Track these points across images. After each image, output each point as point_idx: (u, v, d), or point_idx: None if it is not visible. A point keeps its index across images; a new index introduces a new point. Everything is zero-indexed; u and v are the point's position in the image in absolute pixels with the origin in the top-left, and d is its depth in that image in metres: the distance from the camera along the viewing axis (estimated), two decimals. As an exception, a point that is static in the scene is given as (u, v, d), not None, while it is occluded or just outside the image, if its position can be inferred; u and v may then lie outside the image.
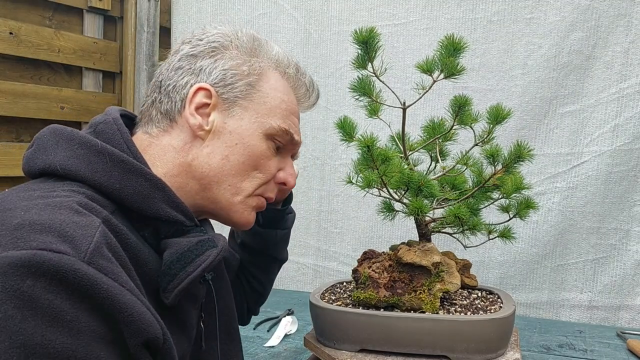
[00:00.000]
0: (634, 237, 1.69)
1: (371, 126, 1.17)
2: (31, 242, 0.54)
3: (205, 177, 0.78)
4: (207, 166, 0.77)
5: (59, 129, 0.73)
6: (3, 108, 1.83)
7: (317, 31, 2.03)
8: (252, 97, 0.80)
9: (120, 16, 2.26)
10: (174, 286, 0.69)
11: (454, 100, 1.15)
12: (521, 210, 1.16)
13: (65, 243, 0.55)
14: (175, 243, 0.71)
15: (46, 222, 0.56)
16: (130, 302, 0.58)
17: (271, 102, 0.81)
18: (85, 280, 0.54)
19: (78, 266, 0.54)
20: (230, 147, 0.78)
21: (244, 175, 0.80)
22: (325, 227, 2.07)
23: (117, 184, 0.68)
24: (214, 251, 0.73)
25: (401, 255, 1.13)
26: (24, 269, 0.52)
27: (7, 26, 1.82)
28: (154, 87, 0.80)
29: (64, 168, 0.68)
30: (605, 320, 1.73)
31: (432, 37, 1.85)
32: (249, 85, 0.79)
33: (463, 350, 1.05)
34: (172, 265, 0.69)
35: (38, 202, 0.60)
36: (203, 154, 0.77)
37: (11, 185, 1.85)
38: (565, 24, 1.71)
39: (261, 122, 0.80)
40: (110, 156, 0.69)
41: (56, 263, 0.53)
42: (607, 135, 1.70)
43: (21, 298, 0.51)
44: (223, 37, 0.80)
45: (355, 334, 1.10)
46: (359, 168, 1.15)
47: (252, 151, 0.79)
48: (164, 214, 0.71)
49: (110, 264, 0.58)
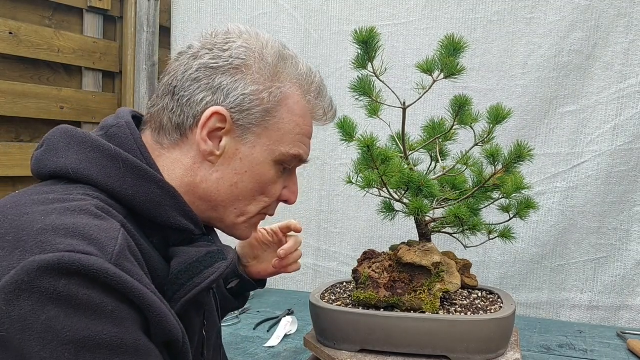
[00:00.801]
0: (634, 237, 1.69)
1: (371, 126, 1.17)
2: (57, 245, 0.54)
3: (214, 200, 0.77)
4: (216, 192, 0.76)
5: (70, 131, 0.71)
6: (3, 108, 1.83)
7: (317, 31, 2.03)
8: (267, 124, 0.76)
9: (120, 16, 2.25)
10: (180, 296, 0.68)
11: (454, 100, 1.15)
12: (521, 210, 1.16)
13: (91, 245, 0.56)
14: (183, 252, 0.71)
15: (69, 225, 0.57)
16: (156, 302, 0.59)
17: (285, 127, 0.78)
18: (117, 279, 0.55)
19: (107, 266, 0.55)
20: (240, 174, 0.77)
21: (250, 200, 0.79)
22: (325, 227, 2.07)
23: (130, 190, 0.68)
24: (224, 264, 0.72)
25: (401, 255, 1.13)
26: (55, 271, 0.52)
27: (7, 26, 1.82)
28: (167, 90, 0.76)
29: (76, 171, 0.67)
30: (605, 320, 1.73)
31: (432, 37, 1.85)
32: (266, 112, 0.76)
33: (463, 350, 1.05)
34: (179, 275, 0.69)
35: (56, 206, 0.60)
36: (212, 178, 0.76)
37: (11, 185, 1.86)
38: (565, 23, 1.70)
39: (272, 150, 0.77)
40: (124, 162, 0.68)
41: (86, 263, 0.53)
42: (607, 135, 1.69)
43: (60, 298, 0.52)
44: (248, 53, 0.75)
45: (355, 334, 1.10)
46: (359, 168, 1.15)
47: (261, 179, 0.78)
48: (174, 222, 0.71)
49: (134, 267, 0.59)
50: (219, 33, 0.78)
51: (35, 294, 0.52)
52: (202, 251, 0.72)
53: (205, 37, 0.78)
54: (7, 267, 0.53)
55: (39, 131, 1.97)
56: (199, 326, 0.80)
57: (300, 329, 1.57)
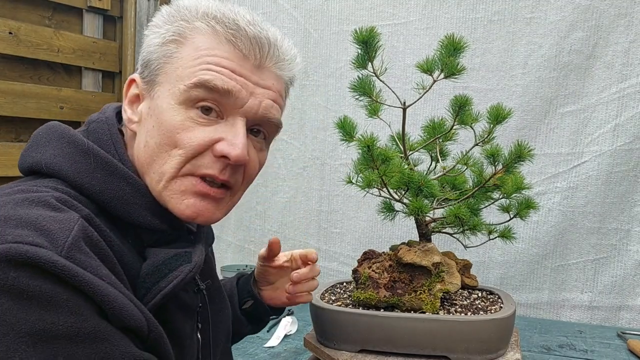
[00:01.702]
0: (634, 237, 1.69)
1: (371, 126, 1.17)
2: (5, 236, 0.53)
3: (139, 170, 0.71)
4: (137, 159, 0.72)
5: (54, 127, 0.71)
6: (3, 108, 1.82)
7: (317, 31, 2.03)
8: (166, 68, 0.70)
9: (120, 16, 2.25)
10: (147, 300, 0.66)
11: (454, 100, 1.14)
12: (521, 210, 1.16)
13: (41, 237, 0.54)
14: (154, 254, 0.69)
15: (22, 216, 0.55)
16: (112, 294, 0.56)
17: (186, 64, 0.69)
18: (65, 271, 0.53)
19: (56, 258, 0.53)
20: (149, 131, 0.70)
21: (163, 157, 0.69)
22: (325, 227, 2.06)
23: (98, 186, 0.66)
24: (187, 267, 0.69)
25: (401, 255, 1.13)
26: (3, 262, 0.51)
27: (6, 26, 1.82)
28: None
29: (48, 166, 0.67)
30: (605, 321, 1.73)
31: (432, 37, 1.84)
32: (165, 57, 0.70)
33: (463, 350, 1.05)
34: (146, 278, 0.67)
35: (16, 197, 0.59)
36: (135, 146, 0.72)
37: (11, 185, 1.86)
38: (565, 23, 1.70)
39: (173, 92, 0.68)
40: (95, 157, 0.67)
41: (33, 255, 0.52)
42: (608, 135, 1.69)
43: (11, 290, 0.51)
44: (165, 17, 0.73)
45: (355, 334, 1.10)
46: (359, 168, 1.15)
47: (167, 127, 0.68)
48: (144, 221, 0.68)
49: (89, 258, 0.57)
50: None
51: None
52: (171, 253, 0.69)
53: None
54: None
55: (38, 131, 1.97)
56: (189, 330, 0.77)
57: (300, 329, 1.57)
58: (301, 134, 2.07)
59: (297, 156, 2.09)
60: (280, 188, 2.12)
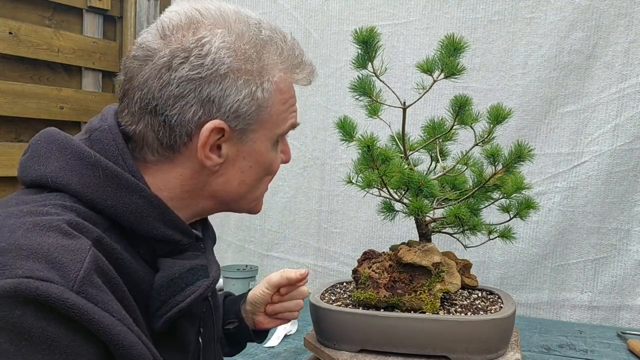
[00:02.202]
0: (634, 237, 1.69)
1: (371, 126, 1.17)
2: (17, 269, 0.51)
3: (222, 199, 0.76)
4: (224, 192, 0.75)
5: (54, 135, 0.68)
6: (3, 108, 1.82)
7: (317, 31, 2.03)
8: (262, 117, 0.73)
9: (120, 16, 2.25)
10: (162, 313, 0.66)
11: (454, 100, 1.15)
12: (521, 210, 1.16)
13: (53, 270, 0.53)
14: (168, 266, 0.68)
15: (33, 246, 0.54)
16: (121, 332, 0.56)
17: (278, 110, 0.75)
18: (76, 309, 0.52)
19: (67, 295, 0.52)
20: (245, 171, 0.75)
21: (259, 184, 0.79)
22: (325, 227, 2.06)
23: (109, 200, 0.64)
24: (205, 282, 0.70)
25: (401, 255, 1.13)
26: (11, 299, 0.50)
27: (6, 26, 1.82)
28: (143, 108, 0.69)
29: (54, 180, 0.64)
30: (605, 321, 1.73)
31: (432, 37, 1.85)
32: (259, 107, 0.72)
33: (463, 350, 1.05)
34: (161, 290, 0.66)
35: (26, 220, 0.57)
36: (218, 182, 0.74)
37: (11, 185, 1.86)
38: (565, 23, 1.70)
39: (270, 137, 0.76)
40: (104, 170, 0.65)
41: (44, 292, 0.51)
42: (608, 135, 1.69)
43: (12, 329, 0.50)
44: (230, 54, 0.68)
45: (355, 334, 1.10)
46: (359, 168, 1.15)
47: (265, 165, 0.77)
48: (158, 233, 0.68)
49: (100, 292, 0.56)
50: (183, 28, 0.68)
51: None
52: (186, 266, 0.69)
53: (165, 34, 0.68)
54: None
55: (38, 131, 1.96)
56: (194, 335, 0.78)
57: (300, 329, 1.57)
58: (301, 134, 2.07)
59: (297, 156, 2.09)
60: (280, 188, 2.12)
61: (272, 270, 2.27)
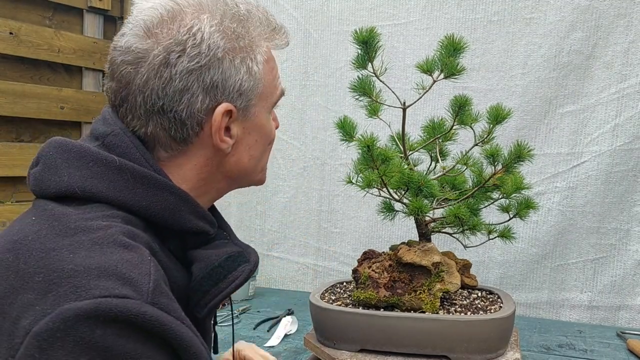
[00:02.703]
0: (634, 237, 1.69)
1: (371, 126, 1.17)
2: (92, 290, 0.52)
3: (236, 177, 0.78)
4: (237, 170, 0.77)
5: (65, 144, 0.67)
6: (3, 108, 1.83)
7: (317, 31, 2.03)
8: (259, 89, 0.75)
9: (120, 16, 2.25)
10: (207, 302, 0.68)
11: (454, 100, 1.15)
12: (521, 210, 1.17)
13: (126, 286, 0.54)
14: (204, 257, 0.70)
15: (101, 265, 0.55)
16: (192, 339, 0.58)
17: (269, 79, 0.77)
18: (154, 321, 0.54)
19: (145, 309, 0.53)
20: (252, 145, 0.77)
21: (264, 155, 0.81)
22: (325, 227, 2.07)
23: (143, 201, 0.65)
24: (247, 267, 0.72)
25: (401, 255, 1.13)
26: (92, 320, 0.51)
27: (7, 26, 1.82)
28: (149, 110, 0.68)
29: (83, 190, 0.64)
30: (605, 320, 1.73)
31: (432, 37, 1.85)
32: (256, 81, 0.74)
33: (463, 350, 1.05)
34: (203, 281, 0.68)
35: (81, 238, 0.58)
36: (230, 162, 0.75)
37: (11, 185, 1.86)
38: (565, 24, 1.71)
39: (267, 106, 0.78)
40: (132, 173, 0.65)
41: (123, 308, 0.52)
42: (607, 135, 1.70)
43: (95, 349, 0.51)
44: (222, 35, 0.69)
45: (355, 334, 1.10)
46: (359, 168, 1.15)
47: (267, 135, 0.80)
48: (191, 225, 0.70)
49: (170, 301, 0.58)
50: (167, 22, 0.67)
51: (70, 343, 0.51)
52: (222, 254, 0.71)
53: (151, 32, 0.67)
54: (40, 312, 0.52)
55: (39, 131, 1.97)
56: (209, 326, 0.81)
57: (300, 329, 1.57)
58: (301, 134, 2.07)
59: (297, 156, 2.09)
60: (280, 188, 2.12)
61: (272, 270, 2.28)
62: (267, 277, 2.16)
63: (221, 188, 0.78)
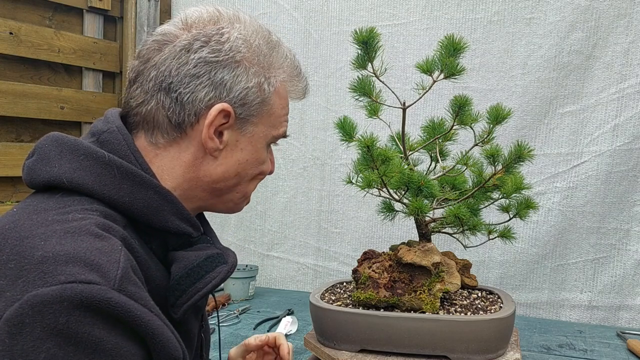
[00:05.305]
0: (634, 237, 1.70)
1: (371, 126, 1.17)
2: (58, 275, 0.53)
3: (219, 189, 0.78)
4: (222, 182, 0.78)
5: (61, 138, 0.69)
6: (3, 108, 1.83)
7: (317, 31, 2.03)
8: (263, 112, 0.77)
9: (120, 16, 2.26)
10: (183, 302, 0.68)
11: (454, 101, 1.15)
12: (521, 210, 1.17)
13: (93, 272, 0.54)
14: (183, 257, 0.71)
15: (70, 252, 0.55)
16: (160, 327, 0.58)
17: (276, 112, 0.80)
18: (119, 308, 0.54)
19: (110, 295, 0.54)
20: (242, 163, 0.78)
21: (252, 182, 0.82)
22: (325, 227, 2.07)
23: (126, 197, 0.67)
24: (224, 268, 0.72)
25: (401, 255, 1.13)
26: (57, 305, 0.51)
27: (7, 26, 1.82)
28: (157, 86, 0.72)
29: (70, 181, 0.65)
30: (605, 320, 1.73)
31: (432, 37, 1.85)
32: (263, 101, 0.77)
33: (463, 350, 1.05)
34: (181, 280, 0.69)
35: (55, 227, 0.59)
36: (217, 171, 0.76)
37: (11, 185, 1.86)
38: (565, 24, 1.71)
39: (267, 135, 0.80)
40: (119, 168, 0.67)
41: (88, 294, 0.52)
42: (607, 135, 1.70)
43: (60, 335, 0.51)
44: (246, 45, 0.74)
45: (355, 334, 1.10)
46: (359, 168, 1.15)
47: (259, 162, 0.81)
48: (172, 226, 0.70)
49: (138, 289, 0.58)
50: (205, 21, 0.74)
51: (37, 328, 0.51)
52: (202, 255, 0.72)
53: (188, 25, 0.74)
54: (10, 298, 0.53)
55: (39, 131, 1.97)
56: (197, 329, 0.80)
57: (300, 329, 1.57)
58: (301, 134, 2.07)
59: (297, 156, 2.09)
60: (281, 188, 2.12)
61: (272, 270, 2.28)
62: (267, 277, 2.16)
63: (203, 198, 0.78)
